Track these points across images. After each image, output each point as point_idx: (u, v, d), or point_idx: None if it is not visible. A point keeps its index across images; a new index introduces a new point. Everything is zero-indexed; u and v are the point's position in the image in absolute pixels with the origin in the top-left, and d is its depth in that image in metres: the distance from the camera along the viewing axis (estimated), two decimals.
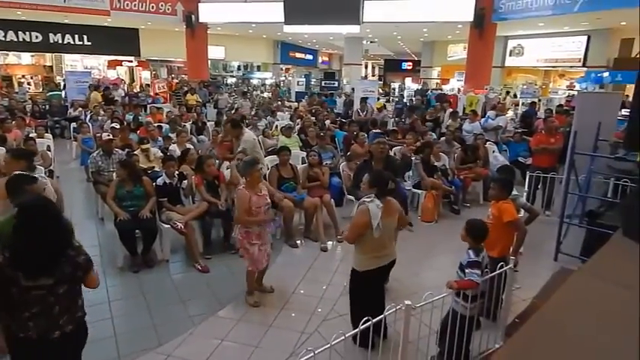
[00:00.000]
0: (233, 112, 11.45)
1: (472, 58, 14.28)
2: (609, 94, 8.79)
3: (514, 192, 3.94)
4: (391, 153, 7.06)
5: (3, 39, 17.00)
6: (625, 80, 12.26)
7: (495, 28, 13.81)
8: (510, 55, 17.10)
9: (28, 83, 17.54)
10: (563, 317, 2.02)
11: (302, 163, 6.53)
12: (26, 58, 19.53)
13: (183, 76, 19.76)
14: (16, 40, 17.28)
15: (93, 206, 5.87)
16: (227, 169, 5.46)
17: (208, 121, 10.39)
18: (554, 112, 10.16)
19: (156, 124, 8.38)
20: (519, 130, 8.67)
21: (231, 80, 23.58)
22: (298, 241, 5.27)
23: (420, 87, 18.44)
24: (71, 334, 2.12)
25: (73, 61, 19.75)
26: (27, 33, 17.36)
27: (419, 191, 6.27)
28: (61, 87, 14.94)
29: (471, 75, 14.26)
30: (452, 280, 2.93)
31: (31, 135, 7.03)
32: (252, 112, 11.35)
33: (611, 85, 13.02)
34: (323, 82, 21.47)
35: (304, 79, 21.61)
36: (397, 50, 25.74)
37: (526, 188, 5.95)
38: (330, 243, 5.30)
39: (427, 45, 20.76)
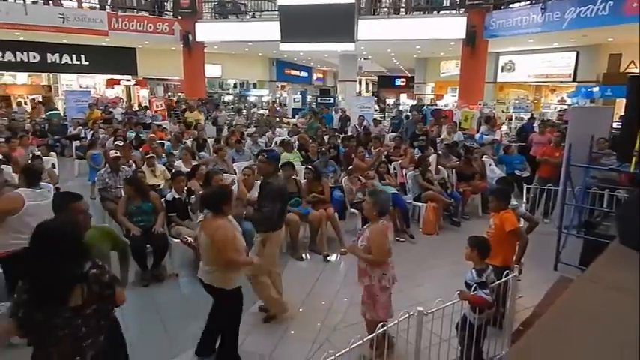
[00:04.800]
0: (232, 128, 11.58)
1: (465, 74, 14.63)
2: (601, 108, 9.07)
3: (513, 202, 4.09)
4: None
5: (1, 59, 17.12)
6: (615, 94, 12.59)
7: (487, 45, 14.19)
8: (502, 70, 17.50)
9: (25, 103, 17.61)
10: (565, 322, 2.14)
11: (304, 178, 6.66)
12: (22, 77, 19.64)
13: (180, 94, 19.95)
14: (13, 60, 17.39)
15: (100, 222, 5.92)
16: (234, 184, 5.57)
17: (208, 137, 10.52)
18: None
19: (157, 142, 8.50)
20: (516, 144, 8.87)
21: (227, 98, 23.81)
22: (304, 255, 5.37)
23: (415, 102, 18.77)
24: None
25: (69, 81, 19.89)
26: (25, 53, 17.47)
27: (420, 204, 6.42)
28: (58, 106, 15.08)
29: (464, 91, 14.58)
30: (465, 291, 3.01)
31: (36, 153, 7.11)
32: (251, 129, 11.53)
33: (601, 99, 13.37)
34: (319, 99, 21.76)
35: (300, 96, 21.91)
36: (391, 67, 26.21)
37: (524, 200, 6.12)
38: (334, 256, 5.41)
39: (420, 61, 21.18)
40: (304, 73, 28.53)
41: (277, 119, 15.22)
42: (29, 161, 6.36)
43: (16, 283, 1.96)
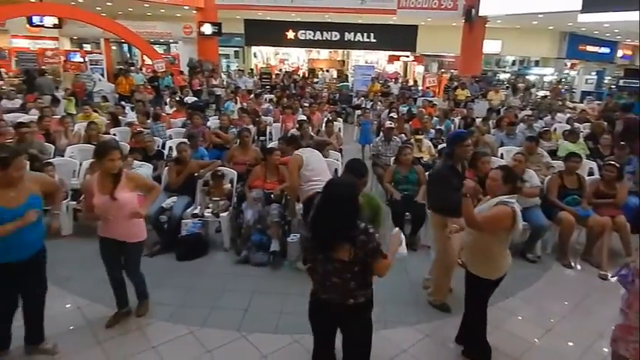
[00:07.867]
0: (505, 109, 10.79)
1: None
2: None
3: None
4: None
5: (312, 38, 20.90)
6: None
7: None
8: None
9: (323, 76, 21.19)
10: None
11: (588, 175, 5.64)
12: (324, 53, 23.63)
13: (452, 71, 19.82)
14: (320, 38, 20.95)
15: (368, 185, 6.62)
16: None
17: (476, 117, 10.14)
18: None
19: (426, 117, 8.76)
20: None
21: (503, 76, 22.19)
22: (572, 262, 4.64)
23: None
24: (362, 304, 2.31)
25: (357, 56, 22.68)
26: (329, 32, 20.76)
27: None
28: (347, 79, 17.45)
29: None
30: None
31: (329, 119, 8.46)
32: (527, 111, 10.45)
33: None
34: (621, 81, 17.68)
35: (595, 77, 18.33)
36: None
37: None
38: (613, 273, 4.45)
39: None
40: (605, 49, 23.54)
41: (560, 103, 13.27)
42: (323, 125, 7.64)
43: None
